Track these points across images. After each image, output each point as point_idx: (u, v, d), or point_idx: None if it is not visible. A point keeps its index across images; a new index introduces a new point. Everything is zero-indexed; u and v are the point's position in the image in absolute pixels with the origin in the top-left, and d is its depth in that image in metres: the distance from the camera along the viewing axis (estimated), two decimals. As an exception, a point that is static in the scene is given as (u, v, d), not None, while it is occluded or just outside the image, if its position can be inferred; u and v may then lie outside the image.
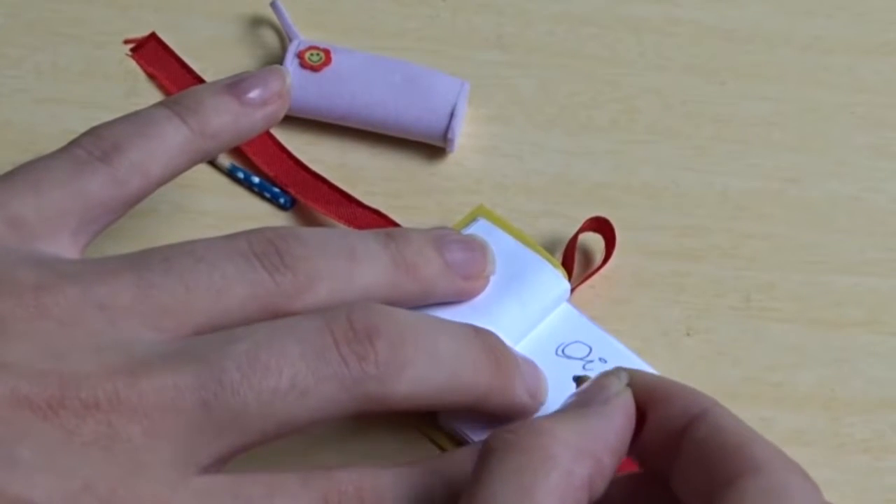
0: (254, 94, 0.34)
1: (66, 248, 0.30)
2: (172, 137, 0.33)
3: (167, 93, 0.43)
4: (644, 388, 0.29)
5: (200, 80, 0.43)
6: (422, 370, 0.28)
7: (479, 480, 0.26)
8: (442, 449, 0.34)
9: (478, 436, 0.33)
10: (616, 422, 0.28)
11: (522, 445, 0.27)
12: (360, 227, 0.39)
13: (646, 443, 0.29)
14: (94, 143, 0.32)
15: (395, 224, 0.39)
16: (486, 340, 0.31)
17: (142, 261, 0.29)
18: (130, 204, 0.32)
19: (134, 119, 0.33)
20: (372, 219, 0.39)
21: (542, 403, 0.33)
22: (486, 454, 0.27)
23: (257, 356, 0.27)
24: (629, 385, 0.29)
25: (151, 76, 0.43)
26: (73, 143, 0.32)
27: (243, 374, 0.27)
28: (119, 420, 0.26)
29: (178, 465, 0.26)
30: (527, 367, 0.33)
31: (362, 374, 0.28)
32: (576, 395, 0.30)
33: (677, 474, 0.28)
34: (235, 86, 0.34)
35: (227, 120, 0.34)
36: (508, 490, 0.26)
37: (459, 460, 0.30)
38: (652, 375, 0.30)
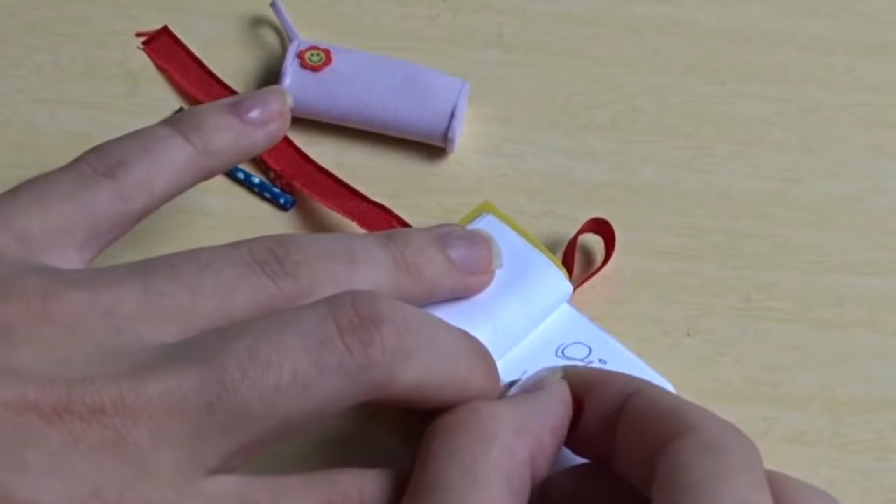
0: (255, 113, 0.35)
1: (71, 262, 0.31)
2: (176, 155, 0.33)
3: (177, 87, 0.43)
4: (580, 378, 0.31)
5: (212, 76, 0.43)
6: (426, 360, 0.29)
7: (424, 463, 0.27)
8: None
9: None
10: (552, 404, 0.30)
11: (463, 425, 0.28)
12: (364, 221, 0.39)
13: (585, 428, 0.30)
14: (99, 160, 0.32)
15: (400, 218, 0.39)
16: (480, 346, 0.31)
17: (147, 268, 0.29)
18: (135, 220, 0.33)
19: (138, 136, 0.33)
20: (377, 213, 0.40)
21: None
22: (428, 437, 0.28)
23: (258, 352, 0.27)
24: (564, 378, 0.31)
25: (163, 70, 0.43)
26: (78, 160, 0.32)
27: (244, 372, 0.27)
28: (125, 424, 0.26)
29: (185, 469, 0.26)
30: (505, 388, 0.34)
31: (368, 361, 0.27)
32: (513, 389, 0.31)
33: (618, 452, 0.29)
34: (237, 105, 0.35)
35: (229, 138, 0.34)
36: (451, 469, 0.27)
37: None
38: (587, 367, 0.32)
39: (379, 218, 0.39)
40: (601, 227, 0.39)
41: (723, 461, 0.26)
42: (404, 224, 0.39)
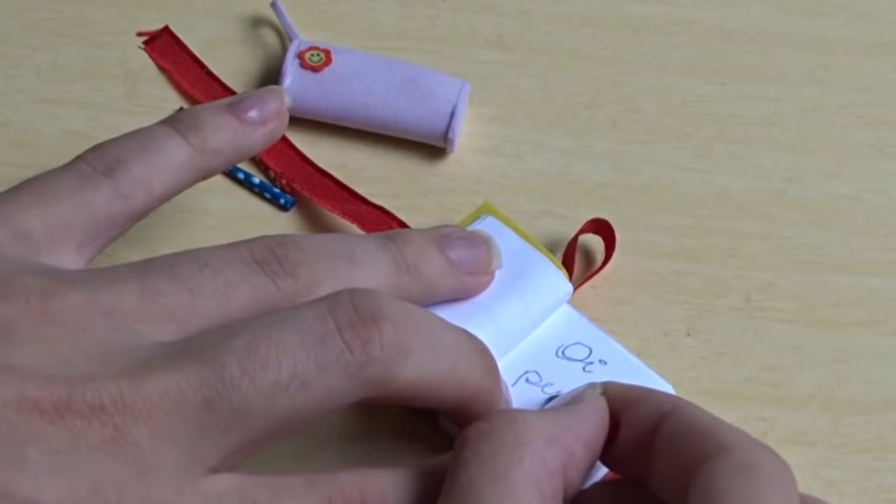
0: (253, 113, 0.35)
1: (71, 261, 0.31)
2: (174, 154, 0.33)
3: (177, 87, 0.43)
4: (617, 395, 0.30)
5: (212, 76, 0.43)
6: (425, 357, 0.29)
7: (456, 470, 0.27)
8: (444, 451, 0.34)
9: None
10: (588, 418, 0.29)
11: (496, 432, 0.27)
12: (364, 223, 0.39)
13: (621, 445, 0.30)
14: (98, 159, 0.32)
15: (400, 221, 0.39)
16: (480, 344, 0.32)
17: (146, 268, 0.29)
18: (134, 218, 0.33)
19: (136, 136, 0.33)
20: (377, 216, 0.39)
21: None
22: (461, 444, 0.28)
23: (257, 349, 0.27)
24: (603, 394, 0.30)
25: (163, 70, 0.43)
26: (77, 159, 0.33)
27: (243, 370, 0.27)
28: (124, 423, 0.26)
29: (185, 467, 0.26)
30: (505, 387, 0.34)
31: (367, 357, 0.28)
32: (552, 403, 0.31)
33: (653, 471, 0.28)
34: (235, 105, 0.35)
35: (227, 137, 0.34)
36: (484, 476, 0.27)
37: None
38: (625, 385, 0.31)
39: (378, 220, 0.39)
40: (601, 228, 0.39)
41: (757, 483, 0.26)
42: (404, 226, 0.39)
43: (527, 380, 0.35)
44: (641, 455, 0.29)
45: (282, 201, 0.40)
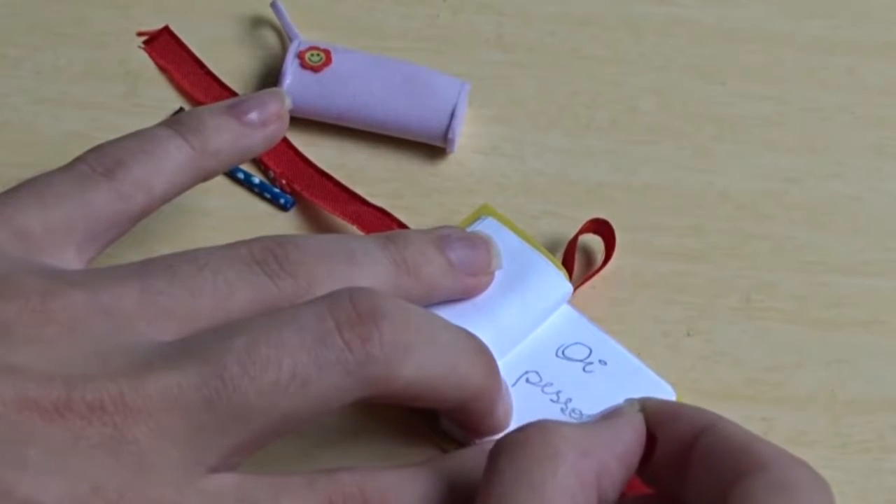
0: (253, 115, 0.35)
1: (71, 262, 0.31)
2: (175, 155, 0.33)
3: (177, 87, 0.43)
4: (654, 411, 0.30)
5: (212, 76, 0.43)
6: (425, 355, 0.29)
7: (490, 481, 0.27)
8: (444, 451, 0.34)
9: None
10: (623, 433, 0.29)
11: (530, 443, 0.27)
12: (364, 224, 0.39)
13: (657, 461, 0.29)
14: (98, 160, 0.32)
15: (400, 222, 0.39)
16: (480, 343, 0.32)
17: (146, 268, 0.29)
18: (134, 219, 0.33)
19: (137, 137, 0.34)
20: (377, 217, 0.39)
21: (507, 427, 0.33)
22: (495, 455, 0.27)
23: (257, 349, 0.27)
24: (641, 411, 0.30)
25: (163, 70, 0.43)
26: (78, 160, 0.33)
27: (244, 369, 0.27)
28: (124, 422, 0.26)
29: (185, 466, 0.26)
30: (505, 387, 0.33)
31: (366, 357, 0.28)
32: (590, 418, 0.31)
33: (688, 487, 0.28)
34: (235, 107, 0.35)
35: (227, 139, 0.34)
36: (519, 488, 0.26)
37: (461, 461, 0.30)
38: (662, 401, 0.31)
39: (378, 221, 0.39)
40: (601, 227, 0.39)
41: (794, 500, 0.26)
42: (403, 227, 0.39)
43: (527, 380, 0.35)
44: (677, 471, 0.29)
45: (282, 201, 0.40)
